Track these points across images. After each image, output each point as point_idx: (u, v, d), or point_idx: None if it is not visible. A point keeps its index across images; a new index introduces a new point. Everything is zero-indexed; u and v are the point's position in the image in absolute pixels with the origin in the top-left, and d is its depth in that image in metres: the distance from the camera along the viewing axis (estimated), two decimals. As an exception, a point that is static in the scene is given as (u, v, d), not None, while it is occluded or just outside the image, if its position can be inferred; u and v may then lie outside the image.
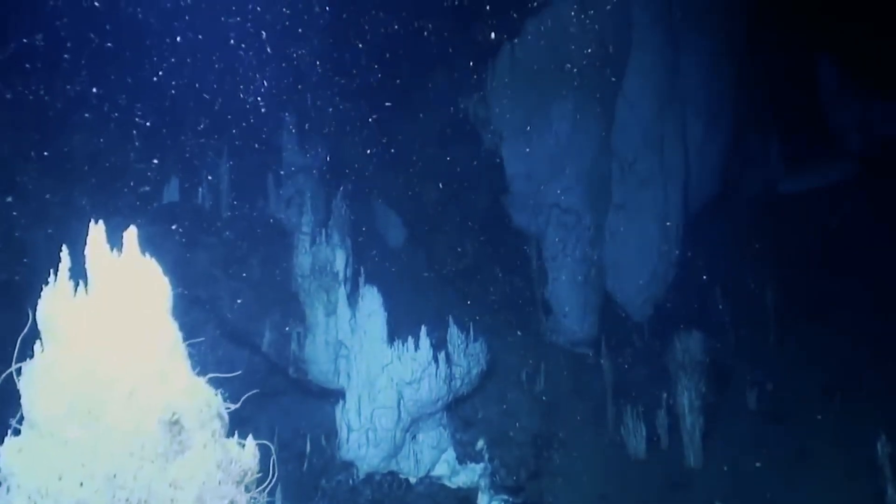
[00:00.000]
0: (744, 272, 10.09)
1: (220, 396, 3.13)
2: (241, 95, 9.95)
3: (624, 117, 10.11)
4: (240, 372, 3.18)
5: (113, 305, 2.95)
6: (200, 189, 8.99)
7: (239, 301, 8.35)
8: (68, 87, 8.87)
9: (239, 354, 8.58)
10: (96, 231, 3.07)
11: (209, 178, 8.98)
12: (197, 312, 8.32)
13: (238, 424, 8.87)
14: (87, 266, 3.08)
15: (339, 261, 8.23)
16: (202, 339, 3.17)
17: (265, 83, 10.05)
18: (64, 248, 3.10)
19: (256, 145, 9.79)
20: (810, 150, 11.88)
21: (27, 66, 8.61)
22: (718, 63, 10.80)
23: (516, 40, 10.01)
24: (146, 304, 3.00)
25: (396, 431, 7.61)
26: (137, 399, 2.77)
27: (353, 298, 8.06)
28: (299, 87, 10.29)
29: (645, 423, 7.93)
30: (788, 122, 11.77)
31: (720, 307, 9.68)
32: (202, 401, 2.91)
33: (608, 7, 10.00)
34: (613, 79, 10.10)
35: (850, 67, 12.45)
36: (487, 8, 9.80)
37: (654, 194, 10.12)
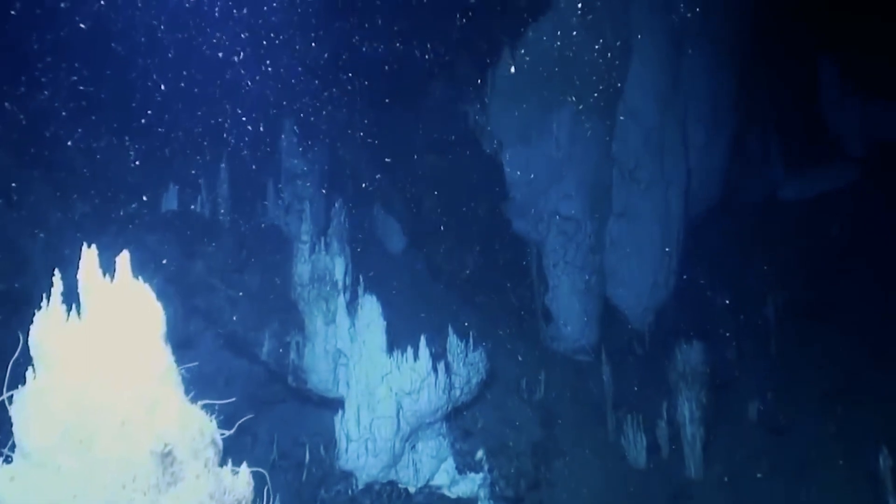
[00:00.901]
0: (745, 279, 10.05)
1: (214, 422, 3.10)
2: (241, 102, 9.93)
3: (624, 124, 10.07)
4: (234, 399, 3.14)
5: (105, 331, 2.93)
6: (199, 196, 8.96)
7: (238, 310, 8.33)
8: (67, 94, 8.85)
9: (238, 363, 8.57)
10: (89, 255, 3.05)
11: (208, 185, 8.95)
12: (196, 322, 8.31)
13: (238, 433, 8.77)
14: (80, 290, 3.06)
15: (339, 270, 8.21)
16: (196, 363, 3.15)
17: (265, 90, 10.03)
18: (56, 271, 3.08)
19: (256, 152, 9.77)
20: (811, 155, 11.84)
21: (27, 74, 8.60)
22: (719, 69, 10.76)
23: (517, 47, 9.98)
24: (139, 329, 2.97)
25: (396, 441, 7.58)
26: (129, 429, 2.74)
27: (352, 307, 8.03)
28: (299, 93, 10.27)
29: (645, 432, 7.89)
30: (789, 128, 11.73)
31: (721, 315, 9.64)
32: (195, 429, 2.89)
33: (609, 13, 9.96)
34: (614, 85, 10.06)
35: (851, 72, 12.41)
36: (488, 15, 9.76)
37: (655, 201, 10.08)
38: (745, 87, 11.09)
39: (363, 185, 10.47)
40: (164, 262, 8.24)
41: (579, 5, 9.80)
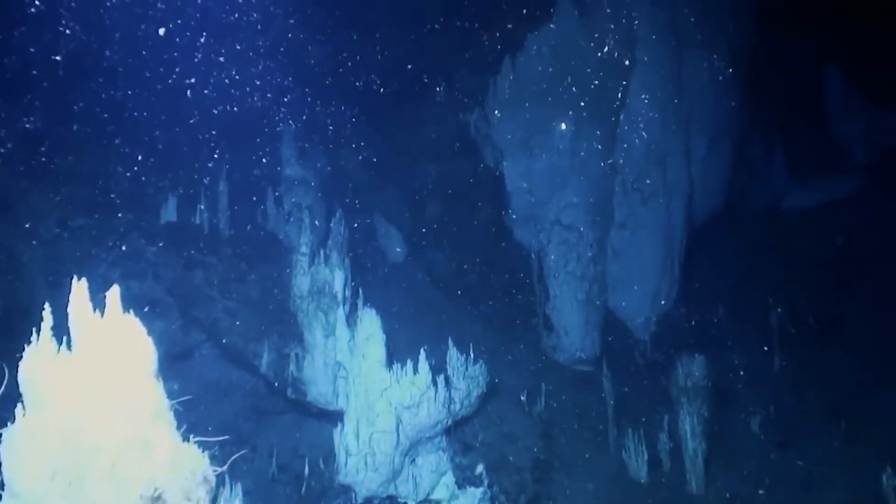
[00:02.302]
0: (747, 290, 9.98)
1: (206, 457, 3.05)
2: (241, 111, 9.89)
3: (626, 133, 10.00)
4: (227, 437, 3.09)
5: (96, 367, 2.88)
6: (199, 206, 8.92)
7: (237, 322, 8.28)
8: (66, 104, 8.82)
9: (237, 375, 8.52)
10: (79, 289, 3.00)
11: (207, 196, 8.91)
12: (195, 333, 8.27)
13: (237, 444, 8.78)
14: (70, 324, 3.00)
15: (338, 282, 8.15)
16: (189, 396, 3.10)
17: (265, 99, 9.99)
18: (46, 305, 3.03)
19: (255, 162, 9.72)
20: (816, 163, 11.76)
21: (25, 83, 8.58)
22: (722, 77, 10.68)
23: (518, 55, 9.92)
24: (130, 365, 2.92)
25: (395, 455, 7.53)
26: (120, 471, 2.69)
27: (351, 319, 7.98)
28: (300, 102, 10.23)
29: (647, 446, 7.82)
30: (794, 136, 11.65)
31: (723, 325, 9.57)
32: (187, 469, 2.84)
33: (611, 22, 9.90)
34: (616, 94, 10.00)
35: (857, 80, 12.33)
36: (489, 24, 9.71)
37: (657, 211, 10.01)
38: (748, 95, 11.02)
39: (364, 193, 10.43)
40: (163, 273, 8.20)
41: (581, 14, 9.74)
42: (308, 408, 8.27)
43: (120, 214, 8.44)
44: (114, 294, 2.92)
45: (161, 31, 8.71)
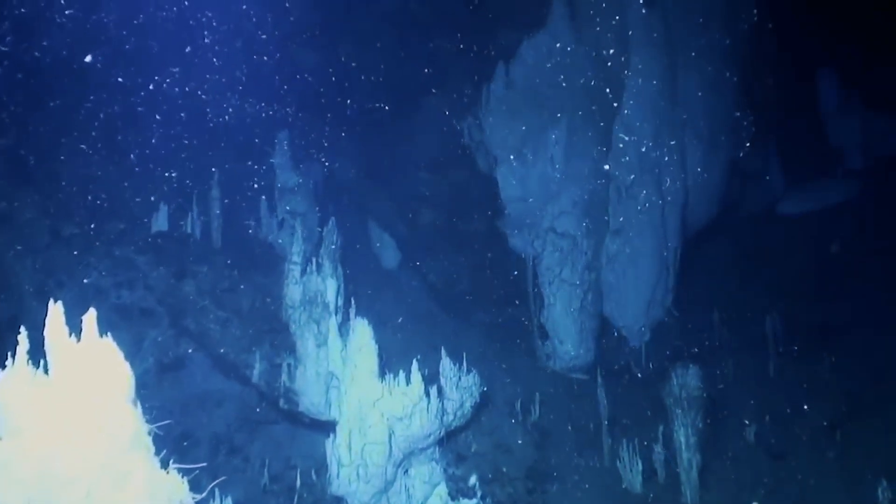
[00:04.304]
0: (743, 297, 9.94)
1: (185, 483, 2.99)
2: (234, 117, 9.84)
3: (621, 140, 9.96)
4: (205, 464, 3.04)
5: (72, 394, 2.82)
6: (190, 214, 8.85)
7: (229, 331, 8.22)
8: (58, 111, 8.76)
9: (229, 385, 8.45)
10: (55, 313, 2.94)
11: (199, 205, 8.85)
12: (186, 343, 8.21)
13: (229, 454, 8.67)
14: (46, 348, 2.95)
15: (330, 291, 8.10)
16: (169, 421, 3.04)
17: (258, 104, 9.93)
18: (22, 329, 2.97)
19: (248, 169, 9.67)
20: (812, 168, 11.73)
21: (21, 90, 8.52)
22: (717, 83, 10.65)
23: (512, 62, 9.88)
24: (106, 391, 2.86)
25: (388, 467, 7.46)
26: (95, 500, 2.64)
27: (344, 329, 7.93)
28: (293, 108, 10.18)
29: (641, 456, 7.77)
30: (789, 143, 11.63)
31: (718, 333, 9.53)
32: (164, 497, 2.78)
33: (605, 28, 9.87)
34: (610, 101, 9.96)
35: (852, 85, 12.31)
36: (482, 30, 9.66)
37: (652, 218, 9.97)
38: (743, 101, 10.99)
39: (357, 200, 10.37)
40: (154, 282, 8.14)
41: (574, 21, 9.70)
42: (300, 418, 8.21)
43: (111, 223, 8.37)
44: (90, 318, 2.87)
45: (153, 41, 8.65)
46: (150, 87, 8.96)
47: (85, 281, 7.74)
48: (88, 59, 7.33)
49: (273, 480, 8.00)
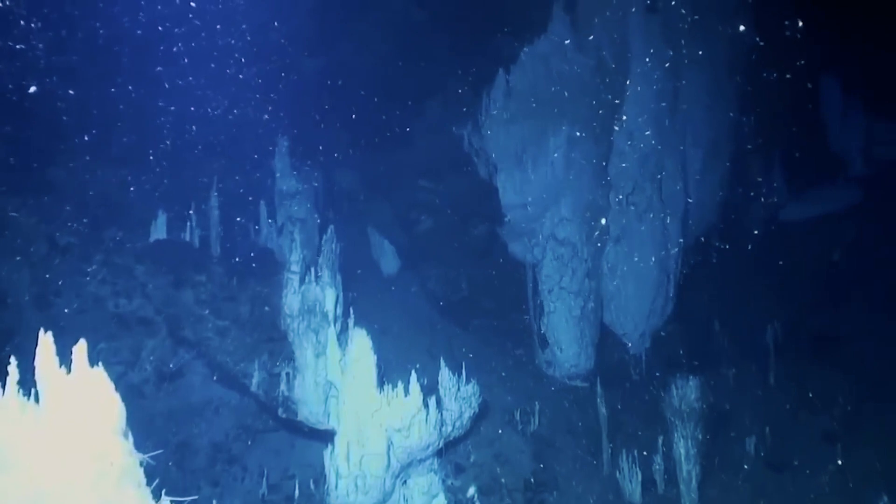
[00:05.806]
0: (743, 306, 9.89)
1: (178, 514, 2.96)
2: (233, 124, 9.81)
3: (621, 147, 9.91)
4: (196, 497, 3.02)
5: (63, 427, 2.80)
6: (189, 224, 8.82)
7: (227, 341, 8.20)
8: (55, 117, 8.74)
9: (228, 394, 8.44)
10: (45, 344, 2.92)
11: (198, 213, 8.82)
12: (185, 352, 8.20)
13: (227, 463, 8.65)
14: (36, 379, 2.92)
15: (329, 300, 8.06)
16: (161, 450, 3.01)
17: (258, 112, 9.90)
18: (13, 359, 2.94)
19: (248, 176, 9.63)
20: (813, 176, 11.67)
21: (18, 98, 8.50)
22: (719, 90, 10.60)
23: (512, 68, 9.84)
24: (96, 425, 2.84)
25: (386, 478, 7.44)
26: (83, 538, 2.61)
27: (343, 338, 7.89)
28: (292, 114, 10.14)
29: (641, 467, 7.74)
30: (791, 149, 11.56)
31: (718, 343, 9.49)
32: (154, 532, 2.76)
33: (605, 35, 9.82)
34: (611, 108, 9.91)
35: (854, 91, 12.24)
36: (482, 37, 9.62)
37: (653, 225, 9.92)
38: (745, 107, 10.93)
39: (357, 207, 10.34)
40: (152, 291, 8.12)
41: (575, 27, 9.65)
42: (299, 427, 8.18)
43: (108, 232, 8.35)
44: (80, 349, 2.84)
45: (151, 48, 8.62)
46: (148, 94, 8.93)
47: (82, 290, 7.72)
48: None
49: (271, 490, 7.99)
